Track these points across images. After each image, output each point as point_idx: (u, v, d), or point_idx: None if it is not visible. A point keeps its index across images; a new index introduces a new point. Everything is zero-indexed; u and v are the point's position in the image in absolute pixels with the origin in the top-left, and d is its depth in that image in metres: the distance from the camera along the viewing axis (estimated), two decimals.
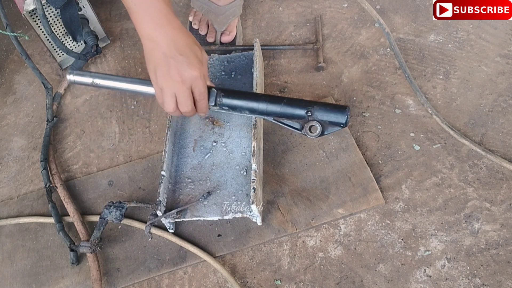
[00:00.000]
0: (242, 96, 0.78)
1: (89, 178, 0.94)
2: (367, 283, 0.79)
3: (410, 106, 0.97)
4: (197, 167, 0.87)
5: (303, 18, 1.13)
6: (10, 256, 0.87)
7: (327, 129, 0.75)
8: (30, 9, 0.96)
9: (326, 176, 0.87)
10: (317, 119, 0.75)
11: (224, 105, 0.78)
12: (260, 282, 0.81)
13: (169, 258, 0.83)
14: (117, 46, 1.14)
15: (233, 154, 0.87)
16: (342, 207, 0.84)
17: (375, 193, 0.84)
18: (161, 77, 0.73)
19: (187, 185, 0.85)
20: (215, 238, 0.84)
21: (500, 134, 0.92)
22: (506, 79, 0.98)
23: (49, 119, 1.00)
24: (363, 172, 0.87)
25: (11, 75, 1.13)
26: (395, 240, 0.82)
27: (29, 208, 0.92)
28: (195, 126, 0.93)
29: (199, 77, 0.73)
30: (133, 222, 0.86)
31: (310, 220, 0.83)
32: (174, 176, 0.87)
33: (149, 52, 0.75)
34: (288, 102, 0.76)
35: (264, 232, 0.83)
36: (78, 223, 0.86)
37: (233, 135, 0.90)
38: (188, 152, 0.90)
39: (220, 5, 1.05)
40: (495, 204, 0.84)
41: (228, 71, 0.98)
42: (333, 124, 0.74)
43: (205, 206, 0.81)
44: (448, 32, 1.07)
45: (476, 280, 0.77)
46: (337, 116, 0.74)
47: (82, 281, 0.83)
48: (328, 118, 0.74)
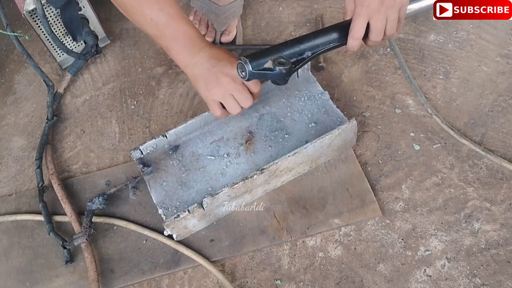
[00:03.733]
0: (269, 52, 0.76)
1: (87, 177, 0.94)
2: (367, 283, 0.79)
3: (410, 106, 0.97)
4: (194, 155, 0.88)
5: (303, 18, 1.13)
6: (6, 252, 0.87)
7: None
8: (30, 9, 0.96)
9: (324, 186, 0.87)
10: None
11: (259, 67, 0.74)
12: (260, 282, 0.81)
13: (163, 262, 0.83)
14: (117, 46, 1.14)
15: (222, 176, 0.86)
16: (339, 217, 0.83)
17: (372, 205, 0.84)
18: (214, 88, 0.79)
19: (175, 159, 0.88)
20: (208, 243, 0.84)
21: (500, 134, 0.92)
22: (506, 79, 0.98)
23: (49, 118, 1.00)
24: (361, 184, 0.86)
25: (11, 75, 1.13)
26: (395, 240, 0.82)
27: (26, 205, 0.92)
28: (234, 129, 0.91)
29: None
30: (128, 224, 0.86)
31: (306, 228, 0.83)
32: (173, 144, 0.90)
33: (195, 75, 0.81)
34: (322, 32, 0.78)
35: (259, 239, 0.83)
36: (76, 223, 0.86)
37: (241, 166, 0.87)
38: (204, 137, 0.90)
39: (220, 5, 1.05)
40: (495, 204, 0.84)
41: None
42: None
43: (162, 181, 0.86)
44: (448, 32, 1.07)
45: (476, 280, 0.77)
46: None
47: (75, 281, 0.83)
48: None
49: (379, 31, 0.75)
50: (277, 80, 0.76)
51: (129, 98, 1.05)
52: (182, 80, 1.06)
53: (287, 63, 0.73)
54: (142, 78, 1.08)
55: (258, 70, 0.73)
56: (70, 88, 1.08)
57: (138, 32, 1.16)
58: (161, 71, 1.09)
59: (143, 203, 0.89)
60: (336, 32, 0.77)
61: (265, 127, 0.90)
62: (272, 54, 0.74)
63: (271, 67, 0.73)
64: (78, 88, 1.08)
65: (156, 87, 1.06)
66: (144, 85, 1.07)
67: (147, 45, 1.13)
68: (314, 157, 0.85)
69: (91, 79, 1.09)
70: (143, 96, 1.05)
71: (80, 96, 1.07)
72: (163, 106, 1.03)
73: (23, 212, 0.91)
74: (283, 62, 0.73)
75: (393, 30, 0.76)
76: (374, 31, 0.75)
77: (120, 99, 1.05)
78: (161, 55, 1.11)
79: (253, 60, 0.73)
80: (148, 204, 0.89)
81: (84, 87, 1.08)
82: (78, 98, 1.06)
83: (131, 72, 1.09)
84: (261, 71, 0.73)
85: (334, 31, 0.77)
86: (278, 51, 0.75)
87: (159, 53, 1.11)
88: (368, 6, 0.72)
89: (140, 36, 1.15)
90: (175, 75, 1.07)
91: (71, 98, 1.07)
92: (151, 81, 1.07)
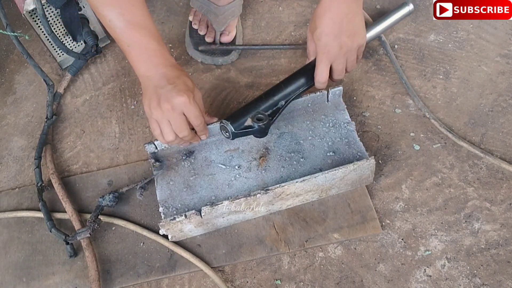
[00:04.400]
0: (247, 110, 0.83)
1: (90, 176, 0.94)
2: (367, 283, 0.79)
3: (410, 106, 0.97)
4: (206, 160, 0.89)
5: (303, 18, 1.13)
6: (5, 246, 0.88)
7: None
8: (30, 9, 0.96)
9: (325, 200, 0.86)
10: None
11: (239, 129, 0.82)
12: (260, 282, 0.81)
13: (159, 266, 0.83)
14: (117, 46, 1.13)
15: (229, 187, 0.85)
16: (338, 232, 0.83)
17: (373, 222, 0.83)
18: (154, 108, 0.78)
19: (186, 161, 0.89)
20: (206, 250, 0.83)
21: (500, 134, 0.92)
22: (506, 79, 0.98)
23: (48, 117, 1.00)
24: (363, 200, 0.85)
25: (11, 75, 1.13)
26: (395, 240, 0.82)
27: (28, 201, 0.92)
28: (252, 141, 0.90)
29: (188, 101, 0.77)
30: (127, 223, 0.86)
31: (304, 241, 0.82)
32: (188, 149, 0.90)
33: (144, 89, 0.80)
34: (286, 83, 0.85)
35: (256, 249, 0.83)
36: (76, 222, 0.86)
37: (249, 181, 0.86)
38: (220, 145, 0.90)
39: (219, 5, 1.05)
40: (495, 204, 0.84)
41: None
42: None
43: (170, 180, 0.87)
44: (448, 32, 1.07)
45: (476, 280, 0.77)
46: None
47: (71, 279, 0.83)
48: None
49: (340, 72, 0.83)
50: (258, 135, 0.84)
51: (129, 98, 1.05)
52: None
53: (265, 118, 0.81)
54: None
55: (239, 130, 0.81)
56: (70, 88, 1.08)
57: None
58: None
59: (143, 205, 0.89)
60: (303, 78, 0.85)
61: (283, 147, 0.89)
62: (250, 111, 0.82)
63: (251, 124, 0.81)
64: (78, 88, 1.08)
65: None
66: None
67: None
68: (324, 188, 0.83)
69: (91, 79, 1.09)
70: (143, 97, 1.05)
71: (80, 96, 1.07)
72: None
73: (24, 207, 0.92)
74: (261, 118, 0.81)
75: (353, 67, 0.85)
76: (336, 72, 0.83)
77: (120, 99, 1.05)
78: None
79: (234, 121, 0.81)
80: (148, 206, 0.89)
81: (84, 87, 1.08)
82: (78, 98, 1.06)
83: (131, 72, 1.09)
84: (243, 130, 0.81)
85: (301, 77, 0.85)
86: (254, 107, 0.82)
87: None
88: (328, 53, 0.80)
89: None
90: None
91: (71, 98, 1.07)
92: None
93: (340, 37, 0.78)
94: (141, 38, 0.77)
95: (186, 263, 0.82)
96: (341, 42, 0.79)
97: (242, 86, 1.04)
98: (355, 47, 0.81)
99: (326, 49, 0.79)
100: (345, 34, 0.78)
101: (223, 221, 0.83)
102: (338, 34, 0.78)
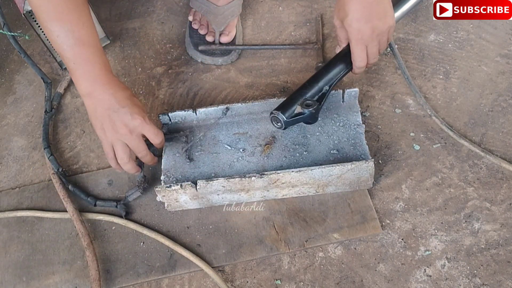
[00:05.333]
0: (294, 99, 0.84)
1: (90, 175, 0.94)
2: (367, 283, 0.79)
3: (410, 106, 0.97)
4: (214, 139, 0.91)
5: (303, 17, 1.13)
6: (5, 246, 0.88)
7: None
8: (30, 9, 0.96)
9: (325, 200, 0.86)
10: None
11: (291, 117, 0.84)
12: (260, 282, 0.81)
13: (159, 265, 0.83)
14: (117, 46, 1.14)
15: (229, 168, 0.87)
16: (338, 232, 0.83)
17: (373, 222, 0.83)
18: (109, 131, 0.78)
19: (197, 136, 0.91)
20: (206, 249, 0.83)
21: (500, 134, 0.92)
22: (506, 79, 0.98)
23: (48, 110, 1.02)
24: (363, 200, 0.85)
25: (11, 75, 1.13)
26: (395, 240, 0.82)
27: (28, 200, 0.93)
28: (261, 128, 0.92)
29: (144, 122, 0.79)
30: (127, 223, 0.86)
31: (304, 241, 0.82)
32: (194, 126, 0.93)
33: (92, 110, 0.80)
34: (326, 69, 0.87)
35: (257, 249, 0.83)
36: (77, 222, 0.86)
37: (249, 165, 0.87)
38: (230, 127, 0.92)
39: (218, 5, 1.05)
40: (495, 204, 0.84)
41: None
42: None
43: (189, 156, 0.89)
44: (448, 32, 1.07)
45: (476, 280, 0.77)
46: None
47: (71, 279, 0.83)
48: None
49: (375, 55, 0.85)
50: (310, 121, 0.85)
51: None
52: (182, 80, 1.06)
53: (314, 103, 0.82)
54: (142, 78, 1.08)
55: (291, 117, 0.82)
56: (70, 88, 1.08)
57: (138, 32, 1.16)
58: (161, 71, 1.09)
59: (143, 205, 0.89)
60: (342, 63, 0.87)
61: (290, 138, 0.90)
62: (298, 99, 0.83)
63: (301, 111, 0.82)
64: None
65: (156, 87, 1.06)
66: (144, 85, 1.07)
67: (147, 45, 1.14)
68: (321, 183, 0.83)
69: None
70: (143, 96, 1.05)
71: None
72: (163, 106, 1.03)
73: (25, 207, 0.92)
74: (310, 104, 0.82)
75: (384, 48, 0.87)
76: (371, 56, 0.84)
77: None
78: (161, 55, 1.11)
79: (284, 110, 0.82)
80: (148, 206, 0.89)
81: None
82: (78, 98, 1.06)
83: (131, 72, 1.09)
84: (294, 118, 0.82)
85: (340, 63, 0.87)
86: (301, 95, 0.84)
87: (159, 53, 1.12)
88: (362, 38, 0.81)
89: (140, 36, 1.15)
90: (175, 75, 1.07)
91: (71, 98, 1.07)
92: (151, 81, 1.07)
93: (372, 21, 0.79)
94: (88, 56, 0.77)
95: (186, 263, 0.82)
96: (373, 25, 0.79)
97: (242, 86, 1.04)
98: (386, 29, 0.81)
99: (359, 34, 0.80)
100: (375, 17, 0.79)
101: (218, 199, 0.85)
102: (369, 17, 0.78)
